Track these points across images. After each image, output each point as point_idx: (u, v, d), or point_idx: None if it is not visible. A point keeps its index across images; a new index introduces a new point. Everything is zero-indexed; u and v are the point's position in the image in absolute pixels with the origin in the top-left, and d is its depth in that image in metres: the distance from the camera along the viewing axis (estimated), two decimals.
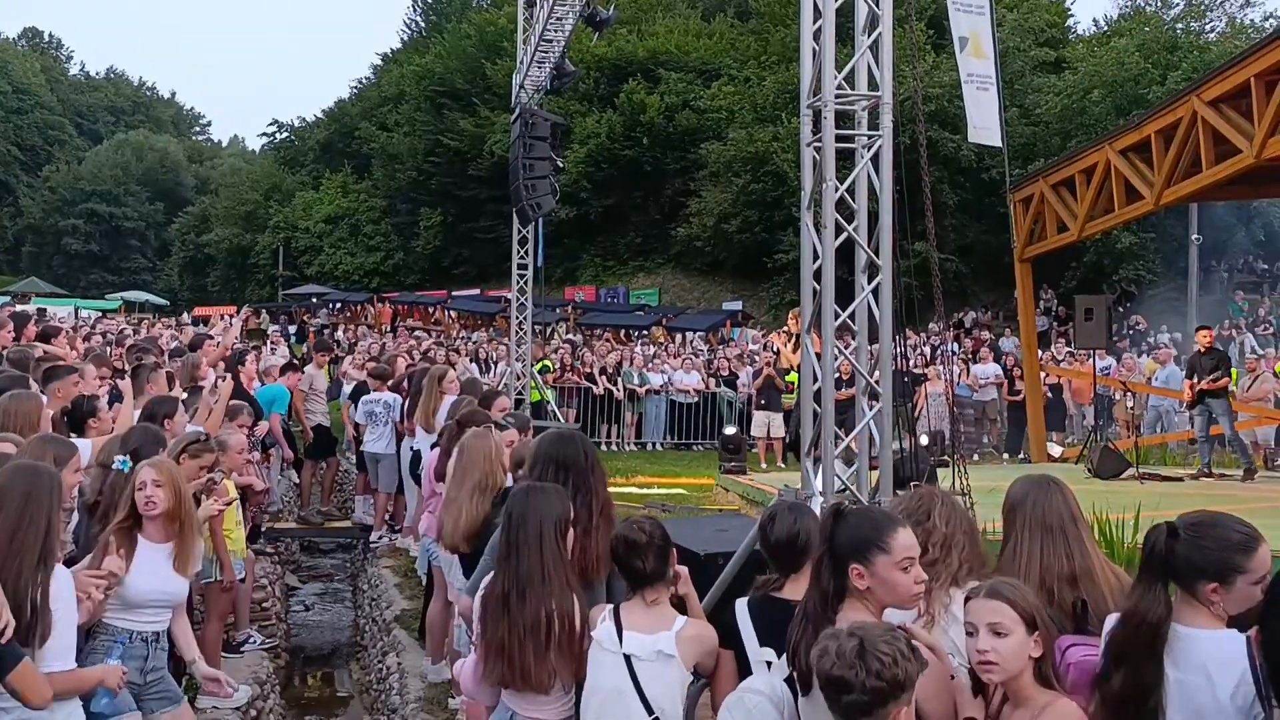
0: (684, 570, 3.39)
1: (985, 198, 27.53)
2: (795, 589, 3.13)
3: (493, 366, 17.66)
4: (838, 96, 5.17)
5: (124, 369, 8.81)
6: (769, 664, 3.09)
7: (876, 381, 5.54)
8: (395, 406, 10.05)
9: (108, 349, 12.30)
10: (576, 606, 3.23)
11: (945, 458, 9.21)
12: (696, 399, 17.23)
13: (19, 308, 20.45)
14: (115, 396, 6.62)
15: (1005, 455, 15.75)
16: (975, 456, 15.08)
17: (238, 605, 6.81)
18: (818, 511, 3.88)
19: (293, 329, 29.49)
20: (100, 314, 30.93)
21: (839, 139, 5.24)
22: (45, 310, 23.30)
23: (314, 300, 37.93)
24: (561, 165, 13.91)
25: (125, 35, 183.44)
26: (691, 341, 25.05)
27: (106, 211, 65.57)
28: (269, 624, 7.83)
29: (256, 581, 7.63)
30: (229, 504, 5.83)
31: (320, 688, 7.94)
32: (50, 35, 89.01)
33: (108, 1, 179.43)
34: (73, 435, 5.43)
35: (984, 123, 13.23)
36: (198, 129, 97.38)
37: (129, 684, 3.90)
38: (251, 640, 6.99)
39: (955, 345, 20.41)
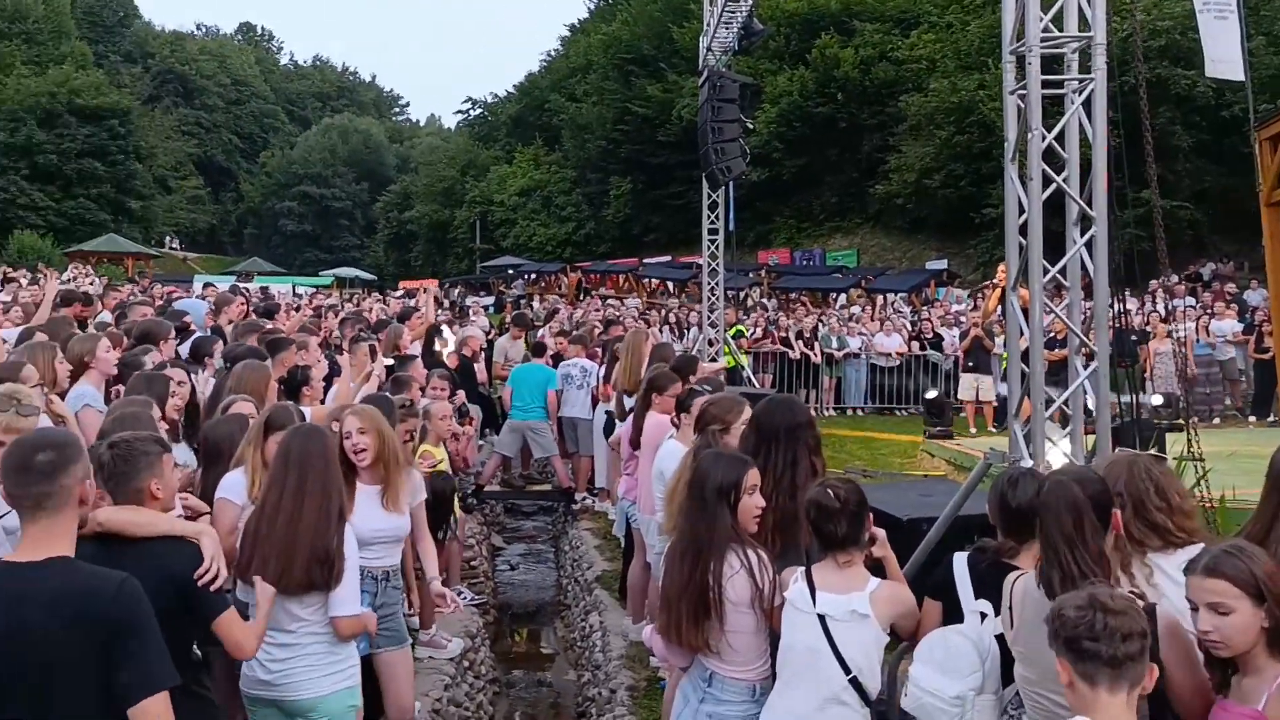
0: (881, 533, 3.45)
1: (1225, 138, 25.27)
2: (1029, 557, 3.17)
3: (686, 332, 17.97)
4: (1044, 40, 4.99)
5: (339, 343, 9.63)
6: (983, 615, 3.15)
7: (1091, 340, 5.36)
8: (591, 372, 10.49)
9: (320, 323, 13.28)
10: (757, 562, 3.36)
11: (1180, 420, 8.65)
12: (899, 362, 16.94)
13: (244, 286, 22.54)
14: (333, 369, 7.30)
15: (1251, 418, 14.61)
16: (1216, 419, 14.15)
17: (449, 562, 7.37)
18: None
19: (490, 300, 30.91)
20: (315, 290, 33.47)
21: (1047, 85, 5.06)
22: (268, 289, 25.47)
23: (510, 271, 39.59)
24: (751, 127, 13.92)
25: (329, 24, 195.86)
26: (893, 303, 24.52)
27: (317, 193, 70.69)
28: (478, 581, 8.42)
29: (465, 541, 8.22)
30: (434, 466, 6.30)
31: (527, 643, 8.46)
32: (262, 28, 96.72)
33: None
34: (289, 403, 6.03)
35: (1223, 55, 12.14)
36: (397, 110, 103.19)
37: None
38: (462, 596, 7.53)
39: (1192, 300, 18.99)
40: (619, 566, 7.80)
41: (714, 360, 13.99)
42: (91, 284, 18.82)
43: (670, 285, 30.70)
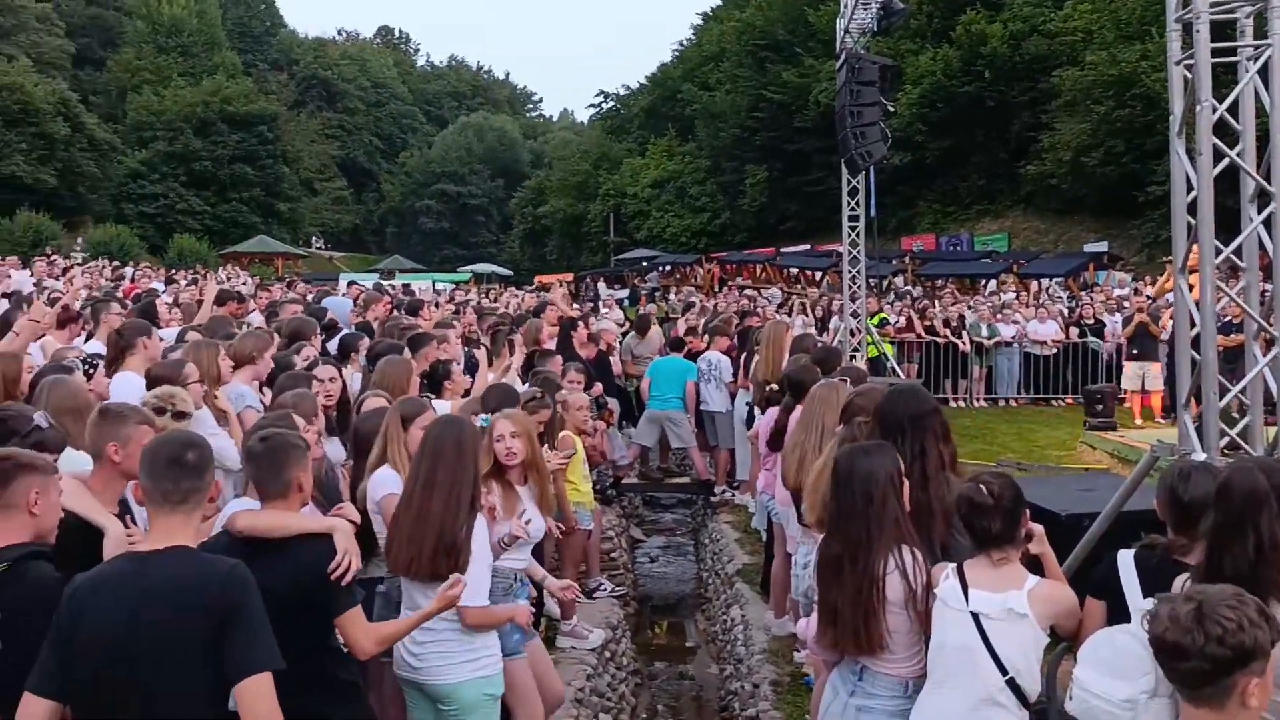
0: (1039, 529, 3.37)
1: None
2: (1199, 555, 3.05)
3: (827, 322, 17.75)
4: (1214, 5, 4.74)
5: (478, 338, 9.93)
6: None
7: (1271, 324, 5.06)
8: (717, 365, 10.55)
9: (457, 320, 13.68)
10: (912, 563, 3.32)
11: None
12: (1055, 350, 16.32)
13: (386, 284, 23.45)
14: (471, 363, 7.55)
15: None
16: None
17: (589, 554, 7.53)
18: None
19: (624, 292, 31.23)
20: (454, 286, 34.51)
21: (1217, 53, 4.80)
22: (410, 285, 26.42)
23: (644, 264, 39.87)
24: (892, 109, 13.62)
25: (464, 24, 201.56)
26: (1048, 288, 23.58)
27: (454, 191, 72.87)
28: (617, 573, 8.55)
29: (604, 533, 8.37)
30: (570, 457, 6.44)
31: (667, 636, 8.55)
32: (400, 31, 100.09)
33: None
34: (430, 396, 6.13)
35: None
36: (530, 106, 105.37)
37: None
38: (602, 588, 7.66)
39: None
40: (760, 560, 7.81)
41: (856, 351, 13.81)
42: (244, 284, 19.89)
43: (809, 274, 30.34)
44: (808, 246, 36.30)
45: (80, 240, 42.02)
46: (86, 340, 7.37)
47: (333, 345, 7.94)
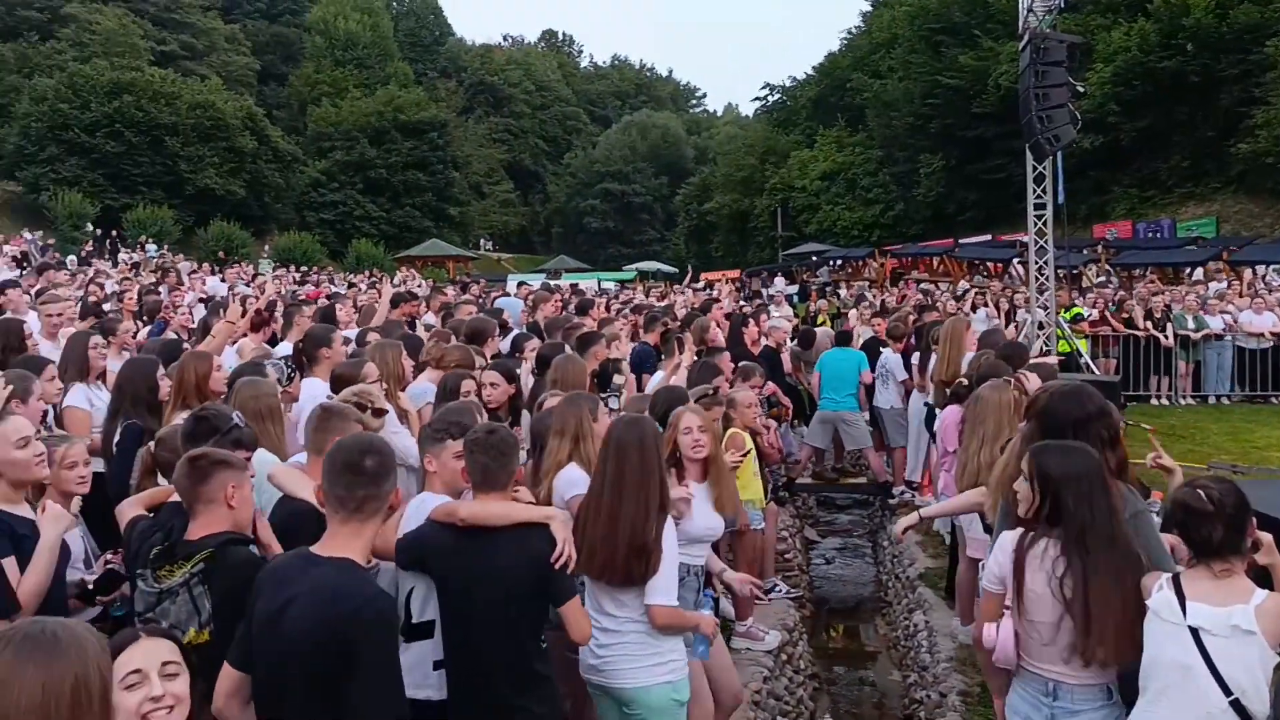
0: (1267, 538, 3.17)
1: None
2: None
3: (1013, 316, 17.04)
4: None
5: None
6: None
7: None
8: (894, 363, 10.39)
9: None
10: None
11: None
12: (1272, 343, 15.16)
13: (553, 283, 23.98)
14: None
15: None
16: None
17: (763, 554, 7.47)
18: None
19: (794, 288, 30.89)
20: (619, 284, 34.96)
21: None
22: (578, 285, 26.94)
23: (814, 258, 39.32)
24: (1082, 90, 12.94)
25: (627, 24, 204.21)
26: (1263, 276, 21.90)
27: (619, 190, 73.95)
28: (792, 574, 8.49)
29: (778, 534, 8.30)
30: (745, 455, 6.40)
31: (845, 640, 8.42)
32: (563, 34, 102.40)
33: None
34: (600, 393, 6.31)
35: None
36: (694, 102, 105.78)
37: None
38: (777, 589, 7.60)
39: None
40: (944, 564, 7.58)
41: (1046, 346, 13.20)
42: (419, 286, 20.74)
43: (991, 266, 29.17)
44: (988, 237, 34.89)
45: (267, 247, 44.97)
46: (275, 343, 7.87)
47: (505, 344, 8.22)
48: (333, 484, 2.95)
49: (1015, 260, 25.39)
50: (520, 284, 21.63)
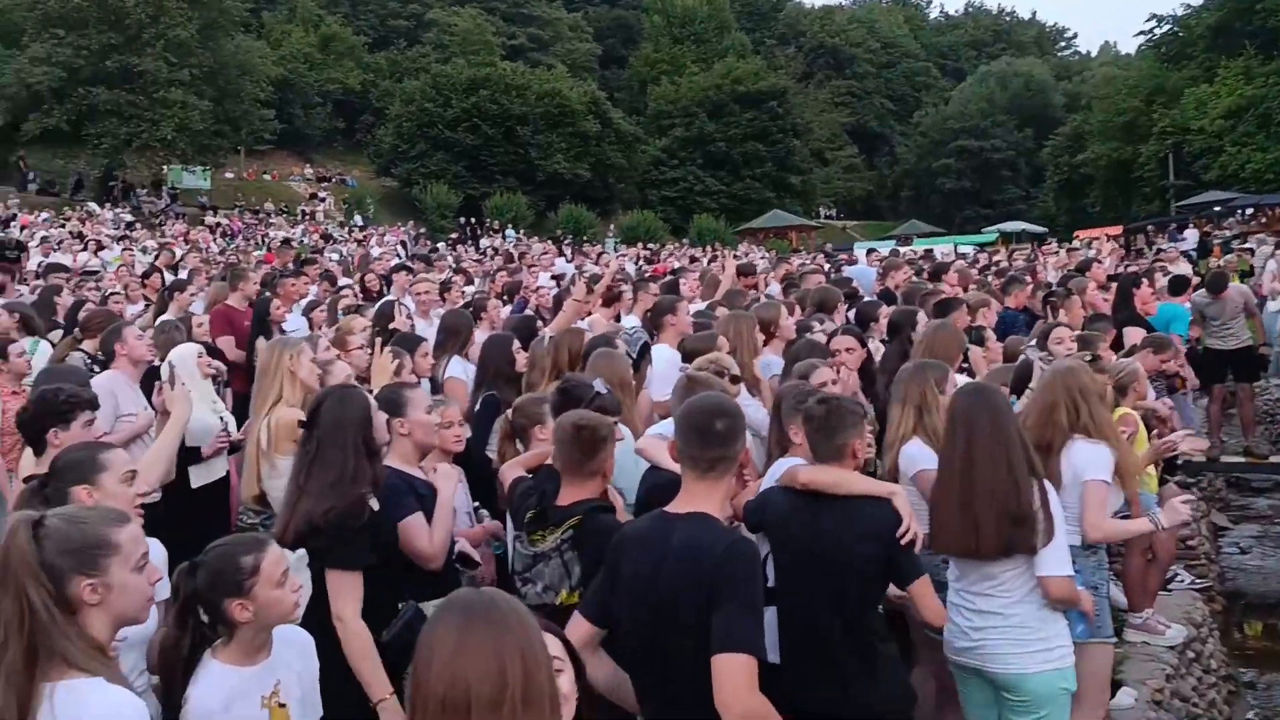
0: None
1: None
2: None
3: None
4: None
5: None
6: None
7: None
8: None
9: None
10: None
11: None
12: None
13: (902, 249, 23.31)
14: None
15: None
16: None
17: (1157, 540, 6.76)
18: None
19: (1192, 246, 27.87)
20: (978, 248, 33.37)
21: None
22: (931, 250, 25.99)
23: (1216, 209, 35.34)
24: None
25: None
26: None
27: (975, 146, 70.56)
28: (1198, 564, 7.76)
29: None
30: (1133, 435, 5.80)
31: (1268, 640, 7.54)
32: None
33: None
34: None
35: None
36: (1062, 44, 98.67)
37: None
38: (1179, 579, 6.94)
39: None
40: None
41: None
42: (763, 258, 20.99)
43: None
44: None
45: (612, 227, 47.45)
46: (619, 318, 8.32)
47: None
48: (686, 445, 3.12)
49: None
50: (869, 251, 21.12)
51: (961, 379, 5.31)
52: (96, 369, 6.44)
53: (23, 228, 25.69)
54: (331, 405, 3.83)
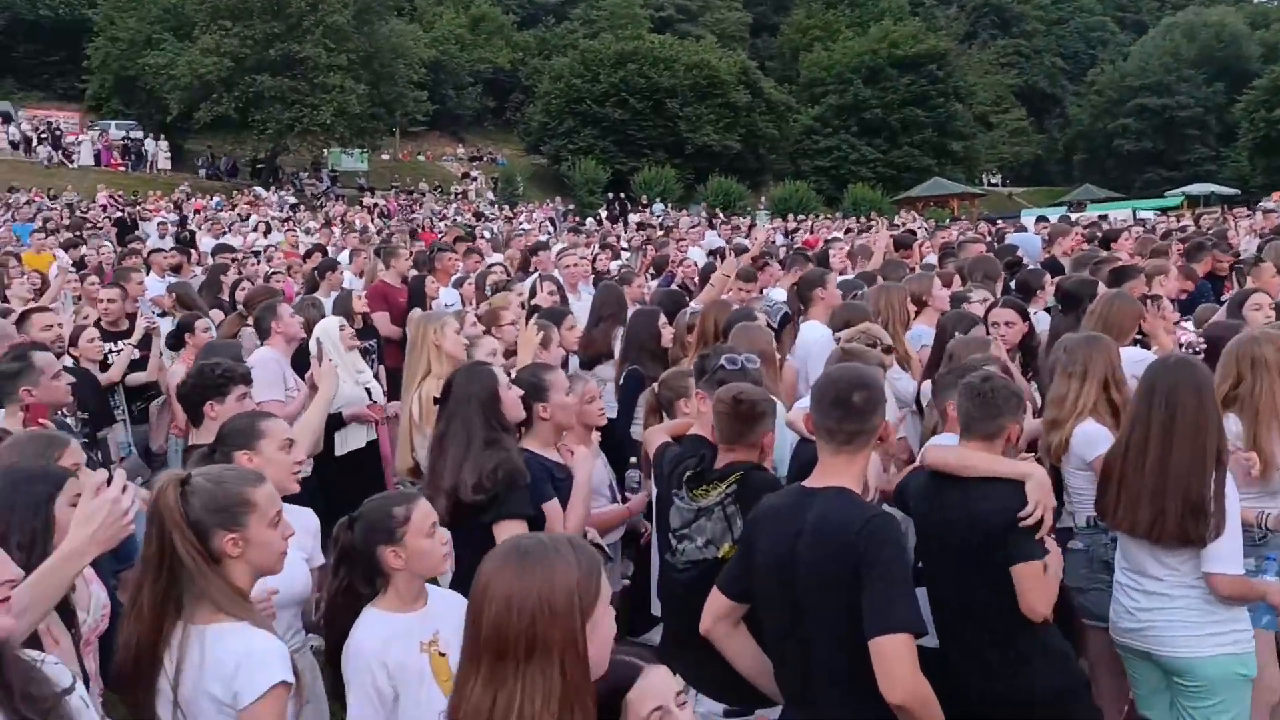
0: None
1: None
2: None
3: None
4: None
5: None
6: None
7: None
8: None
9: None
10: None
11: None
12: None
13: (1074, 216, 22.36)
14: None
15: None
16: None
17: None
18: None
19: None
20: (1159, 212, 31.76)
21: None
22: (1105, 216, 24.88)
23: None
24: None
25: None
26: None
27: (1158, 104, 66.88)
28: None
29: None
30: None
31: None
32: None
33: None
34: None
35: None
36: None
37: None
38: None
39: None
40: None
41: None
42: (921, 228, 20.60)
43: None
44: None
45: (763, 199, 47.11)
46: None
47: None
48: (823, 417, 3.11)
49: None
50: (1039, 220, 20.34)
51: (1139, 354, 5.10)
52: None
53: (196, 211, 27.37)
54: (460, 381, 4.04)
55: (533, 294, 7.77)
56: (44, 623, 2.68)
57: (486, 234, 21.11)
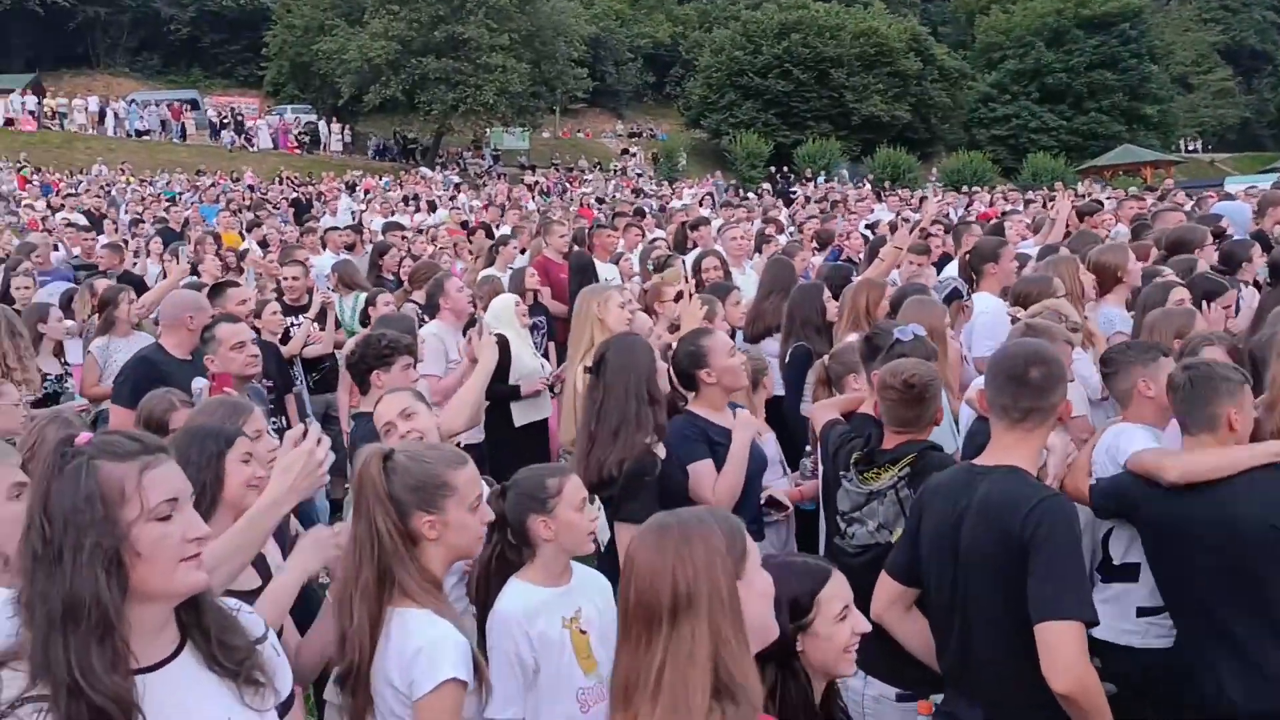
0: None
1: None
2: None
3: None
4: None
5: None
6: None
7: None
8: None
9: None
10: None
11: None
12: None
13: None
14: None
15: None
16: None
17: None
18: None
19: None
20: None
21: None
22: None
23: None
24: None
25: None
26: None
27: None
28: None
29: None
30: None
31: None
32: None
33: None
34: None
35: None
36: None
37: None
38: None
39: None
40: None
41: None
42: (1108, 198, 19.73)
43: None
44: None
45: (934, 170, 45.82)
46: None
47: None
48: (997, 393, 3.04)
49: None
50: (1249, 188, 19.06)
51: None
52: (426, 318, 7.11)
53: (365, 191, 28.56)
54: (615, 353, 4.07)
55: (696, 269, 7.77)
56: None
57: (646, 209, 21.26)
